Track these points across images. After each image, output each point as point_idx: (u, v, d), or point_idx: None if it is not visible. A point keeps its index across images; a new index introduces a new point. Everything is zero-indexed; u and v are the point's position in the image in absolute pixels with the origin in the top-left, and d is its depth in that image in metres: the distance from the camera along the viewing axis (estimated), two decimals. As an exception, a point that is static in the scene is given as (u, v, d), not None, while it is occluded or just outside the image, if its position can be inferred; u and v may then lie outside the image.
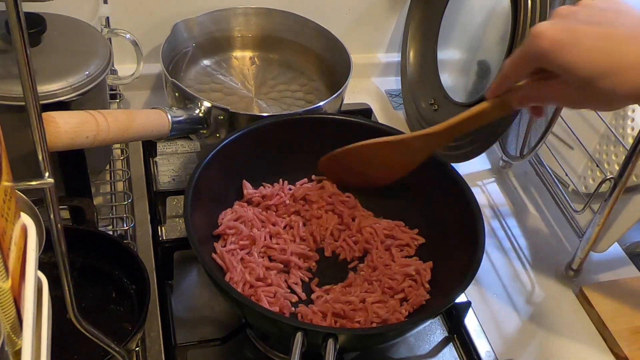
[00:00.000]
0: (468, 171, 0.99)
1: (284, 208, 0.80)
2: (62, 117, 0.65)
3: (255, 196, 0.79)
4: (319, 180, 0.83)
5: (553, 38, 0.50)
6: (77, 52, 0.76)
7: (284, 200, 0.80)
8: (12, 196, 0.37)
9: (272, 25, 1.04)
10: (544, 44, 0.50)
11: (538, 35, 0.51)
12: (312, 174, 0.84)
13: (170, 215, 0.87)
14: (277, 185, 0.82)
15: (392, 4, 1.13)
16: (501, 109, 0.64)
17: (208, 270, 0.64)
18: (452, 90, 1.00)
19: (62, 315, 0.48)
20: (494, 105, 0.64)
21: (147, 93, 1.06)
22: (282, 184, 0.82)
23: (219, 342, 0.71)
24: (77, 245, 0.70)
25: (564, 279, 0.88)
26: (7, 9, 0.34)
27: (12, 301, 0.35)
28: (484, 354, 0.76)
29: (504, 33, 0.88)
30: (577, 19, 0.51)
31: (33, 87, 0.37)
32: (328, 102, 0.86)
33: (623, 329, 0.80)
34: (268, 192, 0.80)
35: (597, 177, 0.87)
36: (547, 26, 0.50)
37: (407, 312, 0.70)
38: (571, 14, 0.51)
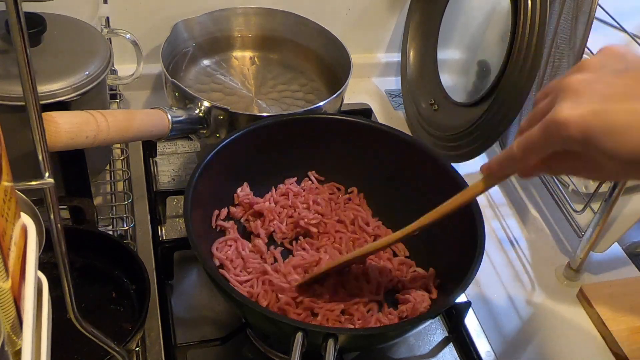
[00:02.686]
0: (468, 171, 0.99)
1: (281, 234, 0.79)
2: (62, 117, 0.65)
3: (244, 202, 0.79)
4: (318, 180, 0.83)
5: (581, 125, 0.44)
6: (77, 52, 0.76)
7: (281, 228, 0.79)
8: (12, 196, 0.37)
9: (272, 25, 1.04)
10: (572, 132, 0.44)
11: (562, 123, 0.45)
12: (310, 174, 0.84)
13: (170, 215, 0.87)
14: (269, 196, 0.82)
15: (392, 4, 1.13)
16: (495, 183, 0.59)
17: (208, 270, 0.64)
18: (452, 90, 1.00)
19: (62, 315, 0.47)
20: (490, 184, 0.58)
21: (147, 93, 1.06)
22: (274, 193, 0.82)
23: (219, 342, 0.71)
24: (77, 245, 0.70)
25: (564, 279, 0.88)
26: (7, 9, 0.34)
27: (12, 301, 0.35)
28: (484, 354, 0.76)
29: (504, 33, 0.88)
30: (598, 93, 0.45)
31: (33, 87, 0.37)
32: (328, 102, 0.86)
33: (623, 329, 0.80)
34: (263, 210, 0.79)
35: (597, 177, 0.87)
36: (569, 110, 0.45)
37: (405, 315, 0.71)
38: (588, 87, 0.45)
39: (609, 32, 0.88)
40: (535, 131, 0.48)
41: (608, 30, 0.88)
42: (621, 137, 0.43)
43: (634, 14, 0.92)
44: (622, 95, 0.44)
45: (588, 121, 0.44)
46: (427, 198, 0.79)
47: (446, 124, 0.98)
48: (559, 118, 0.45)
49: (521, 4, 0.83)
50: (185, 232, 0.67)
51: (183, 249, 0.78)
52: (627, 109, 0.43)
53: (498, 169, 0.55)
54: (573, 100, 0.45)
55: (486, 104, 0.90)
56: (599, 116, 0.44)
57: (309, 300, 0.70)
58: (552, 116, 0.46)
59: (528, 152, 0.50)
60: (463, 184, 0.75)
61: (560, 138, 0.46)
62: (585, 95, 0.45)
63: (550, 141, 0.47)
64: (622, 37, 0.87)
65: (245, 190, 0.80)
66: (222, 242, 0.75)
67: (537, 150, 0.49)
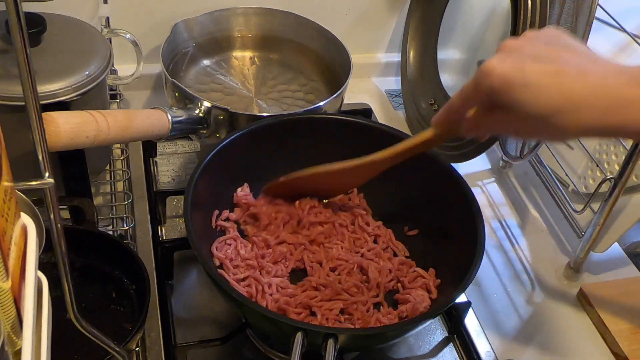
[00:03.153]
0: (468, 171, 0.99)
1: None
2: (62, 117, 0.65)
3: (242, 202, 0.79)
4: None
5: (503, 76, 0.50)
6: (77, 52, 0.76)
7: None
8: (12, 196, 0.37)
9: (272, 25, 1.04)
10: (495, 81, 0.50)
11: (488, 72, 0.51)
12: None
13: (170, 215, 0.87)
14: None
15: (392, 4, 1.13)
16: (447, 136, 0.65)
17: (208, 270, 0.64)
18: (452, 90, 1.00)
19: (62, 315, 0.47)
20: (440, 134, 0.64)
21: (147, 93, 1.06)
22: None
23: (219, 342, 0.71)
24: (77, 245, 0.70)
25: (564, 279, 0.88)
26: (7, 9, 0.34)
27: (12, 301, 0.35)
28: (484, 354, 0.76)
29: (504, 33, 0.88)
30: (524, 54, 0.51)
31: (33, 87, 0.37)
32: (328, 102, 0.86)
33: (623, 329, 0.80)
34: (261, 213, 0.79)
35: (597, 177, 0.87)
36: (496, 63, 0.51)
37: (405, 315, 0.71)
38: (518, 48, 0.52)
39: (609, 32, 0.88)
40: (469, 82, 0.55)
41: (608, 30, 0.88)
42: (533, 93, 0.49)
43: (634, 14, 0.92)
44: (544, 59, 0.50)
45: (508, 74, 0.50)
46: (427, 198, 0.79)
47: (446, 124, 0.98)
48: (485, 68, 0.51)
49: (521, 4, 0.83)
50: (185, 232, 0.67)
51: (183, 249, 0.78)
52: (543, 70, 0.49)
53: (443, 117, 0.61)
54: (502, 57, 0.51)
55: (486, 104, 0.90)
56: (519, 72, 0.49)
57: (306, 296, 0.70)
58: (481, 67, 0.52)
59: (463, 98, 0.56)
60: (463, 183, 0.75)
61: (485, 87, 0.51)
62: (513, 54, 0.51)
63: (478, 89, 0.53)
64: (622, 37, 0.87)
65: (245, 190, 0.80)
66: (221, 242, 0.75)
67: (470, 98, 0.56)
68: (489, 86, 0.51)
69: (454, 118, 0.60)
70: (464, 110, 0.58)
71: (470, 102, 0.57)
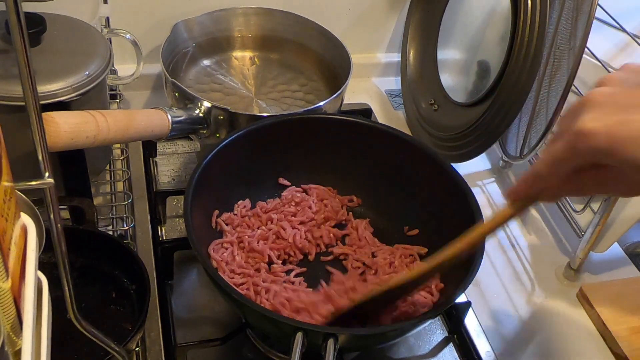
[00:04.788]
0: (468, 171, 0.99)
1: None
2: (62, 117, 0.65)
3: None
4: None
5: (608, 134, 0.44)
6: (77, 52, 0.76)
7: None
8: (12, 196, 0.37)
9: (272, 25, 1.04)
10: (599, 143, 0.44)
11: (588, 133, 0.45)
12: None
13: (170, 215, 0.87)
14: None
15: (392, 4, 1.13)
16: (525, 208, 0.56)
17: (208, 270, 0.64)
18: (452, 90, 1.00)
19: (62, 315, 0.47)
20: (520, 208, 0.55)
21: (147, 93, 1.06)
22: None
23: (219, 342, 0.71)
24: (77, 245, 0.70)
25: (564, 279, 0.88)
26: (7, 9, 0.34)
27: (12, 301, 0.35)
28: (484, 354, 0.75)
29: (504, 33, 0.88)
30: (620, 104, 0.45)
31: (33, 87, 0.37)
32: (328, 102, 0.86)
33: (623, 329, 0.80)
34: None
35: (597, 177, 0.87)
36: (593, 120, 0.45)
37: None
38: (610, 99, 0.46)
39: (609, 32, 0.88)
40: (560, 145, 0.48)
41: (608, 30, 0.88)
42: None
43: (634, 14, 0.92)
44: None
45: (613, 130, 0.44)
46: (428, 198, 0.79)
47: (446, 124, 0.98)
48: (584, 128, 0.45)
49: (521, 4, 0.83)
50: (185, 232, 0.67)
51: (183, 249, 0.78)
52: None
53: (524, 188, 0.54)
54: (596, 111, 0.45)
55: (486, 104, 0.90)
56: (624, 125, 0.44)
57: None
58: (577, 127, 0.46)
59: (554, 167, 0.49)
60: (463, 184, 0.75)
61: (586, 149, 0.45)
62: (608, 107, 0.45)
63: (575, 153, 0.47)
64: (622, 37, 0.88)
65: (247, 205, 0.80)
66: (218, 244, 0.75)
67: (563, 164, 0.49)
68: (592, 148, 0.45)
69: (539, 188, 0.52)
70: (552, 179, 0.50)
71: (564, 169, 0.49)
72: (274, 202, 0.82)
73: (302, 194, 0.83)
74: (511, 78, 0.85)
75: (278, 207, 0.81)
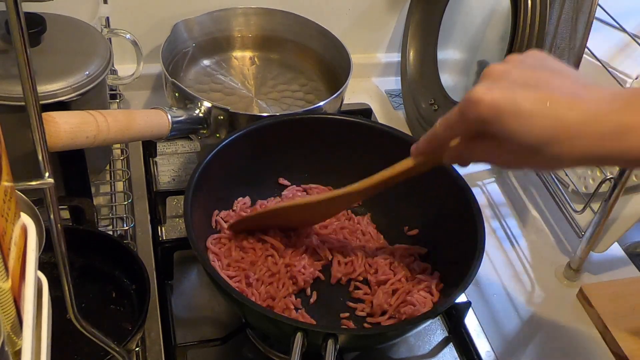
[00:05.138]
0: (468, 171, 0.98)
1: None
2: (62, 117, 0.65)
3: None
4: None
5: (492, 104, 0.47)
6: (77, 52, 0.76)
7: None
8: (12, 196, 0.37)
9: (272, 25, 1.04)
10: (483, 111, 0.48)
11: (476, 101, 0.48)
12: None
13: (170, 215, 0.87)
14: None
15: (392, 4, 1.13)
16: (428, 165, 0.62)
17: (208, 271, 0.64)
18: (452, 90, 1.00)
19: (62, 315, 0.47)
20: (420, 163, 0.61)
21: (147, 93, 1.06)
22: None
23: (219, 342, 0.71)
24: (77, 245, 0.70)
25: (564, 279, 0.88)
26: (7, 9, 0.34)
27: (12, 301, 0.35)
28: (484, 354, 0.76)
29: (504, 33, 0.88)
30: (511, 81, 0.49)
31: (33, 87, 0.37)
32: (328, 102, 0.86)
33: (623, 329, 0.80)
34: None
35: (597, 177, 0.87)
36: (483, 91, 0.48)
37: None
38: (504, 75, 0.49)
39: (609, 32, 0.88)
40: (454, 110, 0.52)
41: (608, 30, 0.88)
42: (526, 121, 0.47)
43: (634, 14, 0.92)
44: (533, 85, 0.48)
45: (498, 103, 0.47)
46: (428, 198, 0.79)
47: (446, 124, 0.98)
48: (472, 97, 0.49)
49: (521, 4, 0.83)
50: (185, 232, 0.67)
51: (183, 249, 0.78)
52: (534, 97, 0.47)
53: (424, 145, 0.59)
54: (488, 84, 0.49)
55: (486, 104, 0.90)
56: (509, 100, 0.47)
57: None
58: (468, 96, 0.49)
59: (447, 128, 0.54)
60: (463, 184, 0.75)
61: (473, 116, 0.49)
62: (500, 81, 0.49)
63: (464, 118, 0.51)
64: (622, 37, 0.87)
65: (247, 202, 0.80)
66: (216, 238, 0.75)
67: (455, 128, 0.53)
68: (477, 116, 0.48)
69: (435, 148, 0.58)
70: (447, 140, 0.55)
71: (455, 132, 0.54)
72: (274, 200, 0.82)
73: (303, 193, 0.83)
74: (511, 78, 0.85)
75: None
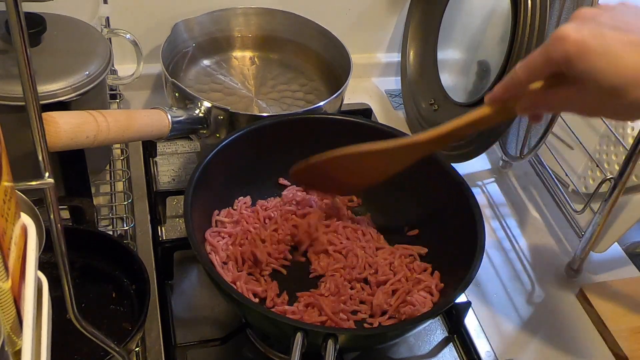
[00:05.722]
0: (468, 171, 0.99)
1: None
2: (62, 117, 0.65)
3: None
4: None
5: (580, 42, 0.47)
6: (77, 52, 0.76)
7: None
8: (12, 196, 0.37)
9: (272, 25, 1.04)
10: (570, 47, 0.47)
11: (563, 37, 0.47)
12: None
13: (170, 215, 0.87)
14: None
15: (392, 4, 1.13)
16: (502, 115, 0.58)
17: (208, 271, 0.64)
18: (452, 90, 1.00)
19: (62, 315, 0.48)
20: (496, 111, 0.58)
21: (147, 93, 1.06)
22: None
23: (219, 342, 0.71)
24: (77, 245, 0.70)
25: (564, 278, 0.88)
26: (7, 9, 0.34)
27: (12, 301, 0.35)
28: (484, 354, 0.76)
29: (504, 33, 0.88)
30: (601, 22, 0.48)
31: (33, 87, 0.37)
32: (328, 102, 0.86)
33: (623, 329, 0.80)
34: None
35: (597, 177, 0.87)
36: (572, 29, 0.47)
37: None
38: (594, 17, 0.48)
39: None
40: (536, 51, 0.51)
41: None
42: (613, 61, 0.46)
43: (634, 14, 0.92)
44: (623, 28, 0.47)
45: (585, 40, 0.47)
46: (428, 198, 0.79)
47: (446, 124, 0.98)
48: (560, 34, 0.48)
49: (521, 4, 0.83)
50: (185, 232, 0.67)
51: (183, 249, 0.78)
52: (623, 39, 0.47)
53: (501, 92, 0.56)
54: (578, 23, 0.48)
55: (486, 104, 0.90)
56: (597, 38, 0.47)
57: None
58: (555, 34, 0.49)
59: (529, 70, 0.52)
60: (463, 184, 0.75)
61: (559, 53, 0.48)
62: (590, 22, 0.48)
63: (549, 57, 0.49)
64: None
65: (248, 202, 0.80)
66: (215, 232, 0.75)
67: (537, 69, 0.51)
68: (563, 52, 0.47)
69: (514, 93, 0.54)
70: (527, 84, 0.53)
71: (537, 74, 0.52)
72: (274, 200, 0.82)
73: (303, 193, 0.83)
74: (511, 78, 0.85)
75: (278, 206, 0.81)
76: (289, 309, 0.69)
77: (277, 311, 0.69)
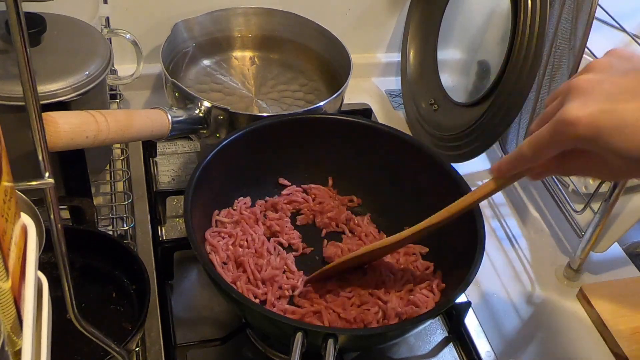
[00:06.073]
0: (468, 171, 0.99)
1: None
2: (62, 117, 0.65)
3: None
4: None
5: (593, 124, 0.44)
6: (77, 52, 0.76)
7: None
8: (12, 196, 0.37)
9: (272, 25, 1.04)
10: (583, 132, 0.45)
11: (573, 122, 0.45)
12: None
13: (170, 215, 0.87)
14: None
15: (392, 4, 1.13)
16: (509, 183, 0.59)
17: (208, 271, 0.64)
18: (452, 90, 1.00)
19: (62, 315, 0.48)
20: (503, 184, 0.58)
21: (147, 93, 1.06)
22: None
23: (219, 342, 0.71)
24: (77, 245, 0.70)
25: (564, 279, 0.88)
26: (7, 9, 0.34)
27: (12, 301, 0.35)
28: (484, 354, 0.75)
29: (504, 33, 0.88)
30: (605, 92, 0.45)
31: (33, 87, 0.37)
32: (328, 102, 0.86)
33: (623, 329, 0.80)
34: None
35: (597, 177, 0.87)
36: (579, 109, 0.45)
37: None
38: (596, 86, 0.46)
39: (609, 32, 0.88)
40: (544, 130, 0.49)
41: (608, 30, 0.88)
42: (630, 135, 0.44)
43: (634, 14, 0.92)
44: (630, 94, 0.45)
45: (597, 119, 0.45)
46: (427, 198, 0.79)
47: (446, 124, 0.98)
48: (568, 117, 0.46)
49: (521, 4, 0.83)
50: (185, 232, 0.67)
51: (183, 249, 0.78)
52: (635, 108, 0.44)
53: (508, 168, 0.56)
54: (581, 99, 0.46)
55: (486, 104, 0.90)
56: (608, 114, 0.44)
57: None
58: (561, 115, 0.46)
59: (538, 151, 0.50)
60: (463, 184, 0.75)
61: (570, 137, 0.46)
62: (594, 95, 0.46)
63: (559, 140, 0.47)
64: (622, 37, 0.87)
65: (248, 202, 0.80)
66: (215, 232, 0.75)
67: (547, 149, 0.50)
68: (576, 136, 0.45)
69: (521, 168, 0.54)
70: (536, 162, 0.52)
71: (547, 154, 0.50)
72: (274, 200, 0.82)
73: (303, 193, 0.83)
74: (511, 78, 0.85)
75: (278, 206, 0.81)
76: (289, 309, 0.69)
77: (277, 311, 0.69)
